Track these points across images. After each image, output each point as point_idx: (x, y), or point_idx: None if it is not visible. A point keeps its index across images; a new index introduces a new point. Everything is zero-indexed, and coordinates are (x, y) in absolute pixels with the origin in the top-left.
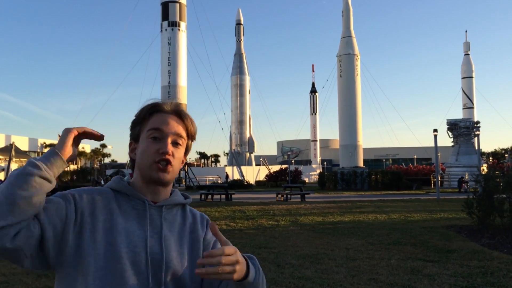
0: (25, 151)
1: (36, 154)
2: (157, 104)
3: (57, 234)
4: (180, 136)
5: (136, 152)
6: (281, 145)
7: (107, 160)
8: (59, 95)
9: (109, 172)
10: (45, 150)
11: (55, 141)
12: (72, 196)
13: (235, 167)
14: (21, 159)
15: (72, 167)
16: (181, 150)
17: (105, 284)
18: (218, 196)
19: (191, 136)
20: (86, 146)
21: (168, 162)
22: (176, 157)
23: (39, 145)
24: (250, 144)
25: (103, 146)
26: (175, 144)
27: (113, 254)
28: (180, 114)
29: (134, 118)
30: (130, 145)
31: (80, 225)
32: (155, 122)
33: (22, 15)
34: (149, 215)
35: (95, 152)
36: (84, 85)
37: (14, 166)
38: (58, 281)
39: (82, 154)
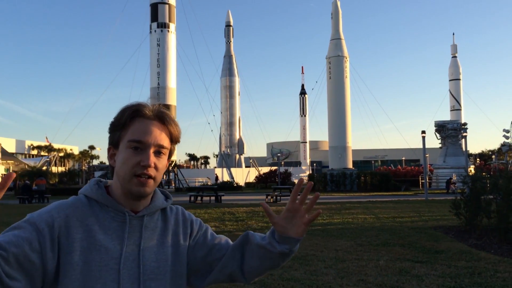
0: (12, 153)
1: (24, 156)
2: (138, 109)
3: (37, 271)
4: (163, 147)
5: (116, 159)
6: (270, 146)
7: (95, 162)
8: (46, 97)
9: (97, 174)
10: (32, 152)
11: (43, 143)
12: (46, 225)
13: (224, 169)
14: (8, 161)
15: (60, 169)
16: (164, 158)
17: None
18: (208, 198)
19: (175, 141)
20: (75, 148)
21: (149, 177)
22: (159, 167)
23: (27, 147)
24: (240, 145)
25: (92, 148)
26: (158, 153)
27: (89, 273)
28: (163, 119)
29: (113, 120)
30: (109, 150)
31: (58, 249)
32: (136, 132)
33: (9, 16)
34: (128, 228)
35: (83, 154)
36: (72, 86)
37: (1, 168)
38: None
39: (70, 156)
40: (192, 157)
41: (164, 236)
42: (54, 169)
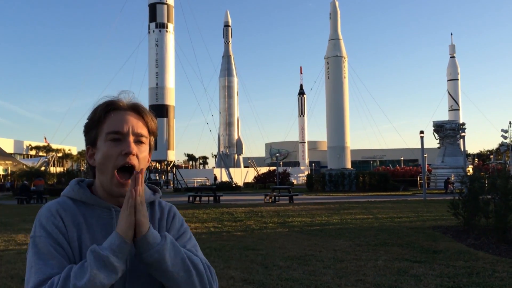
0: (11, 153)
1: (22, 156)
2: (111, 102)
3: None
4: (142, 135)
5: (96, 157)
6: (269, 146)
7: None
8: (45, 97)
9: None
10: (31, 152)
11: (41, 143)
12: (59, 231)
13: (223, 169)
14: (6, 161)
15: (59, 169)
16: (145, 147)
17: None
18: (206, 198)
19: (152, 132)
20: (73, 148)
21: (131, 166)
22: (140, 157)
23: (25, 147)
24: (238, 146)
25: None
26: (138, 142)
27: None
28: (138, 109)
29: (87, 121)
30: (87, 151)
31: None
32: (113, 123)
33: (7, 16)
34: (115, 224)
35: (82, 154)
36: (71, 87)
37: None
38: None
39: (68, 156)
40: (191, 157)
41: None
42: (52, 169)
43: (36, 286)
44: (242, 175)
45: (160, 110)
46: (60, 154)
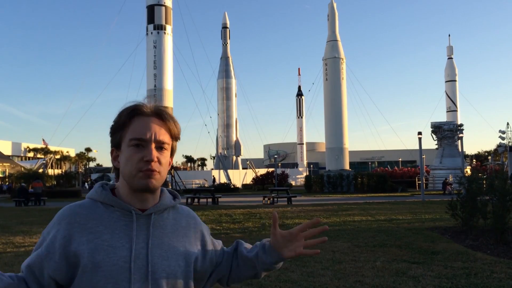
0: (9, 156)
1: (20, 159)
2: (136, 107)
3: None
4: (163, 142)
5: (119, 160)
6: (267, 148)
7: (92, 164)
8: (42, 99)
9: (94, 176)
10: (29, 154)
11: (39, 145)
12: (53, 245)
13: (221, 171)
14: (4, 164)
15: (57, 171)
16: (167, 153)
17: None
18: (205, 200)
19: (175, 137)
20: (71, 150)
21: (154, 170)
22: (163, 162)
23: (23, 149)
24: (237, 147)
25: (88, 150)
26: (160, 149)
27: (100, 273)
28: (161, 115)
29: (112, 123)
30: (112, 152)
31: (68, 260)
32: (136, 129)
33: (4, 18)
34: (136, 226)
35: (80, 156)
36: (69, 89)
37: None
38: None
39: (66, 158)
40: (189, 159)
41: (174, 236)
42: (50, 171)
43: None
44: (240, 177)
45: None
46: (58, 156)
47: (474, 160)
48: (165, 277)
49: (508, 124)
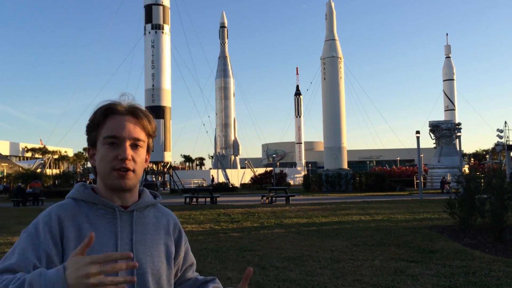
0: (6, 156)
1: (18, 158)
2: (110, 106)
3: None
4: (138, 139)
5: (95, 158)
6: (266, 147)
7: (90, 164)
8: (40, 99)
9: (92, 176)
10: (27, 154)
11: (37, 145)
12: (50, 235)
13: (220, 170)
14: (2, 164)
15: (55, 171)
16: (142, 151)
17: None
18: (203, 200)
19: (150, 135)
20: (69, 150)
21: (128, 169)
22: (137, 160)
23: (21, 149)
24: (235, 147)
25: (86, 150)
26: (135, 146)
27: None
28: (135, 113)
29: (88, 122)
30: (88, 151)
31: (62, 253)
32: (110, 128)
33: (1, 19)
34: (119, 222)
35: (78, 156)
36: (66, 89)
37: None
38: None
39: (64, 158)
40: (187, 158)
41: (156, 233)
42: (48, 171)
43: (0, 271)
44: (239, 176)
45: (157, 112)
46: (56, 156)
47: (472, 159)
48: (149, 272)
49: (506, 122)
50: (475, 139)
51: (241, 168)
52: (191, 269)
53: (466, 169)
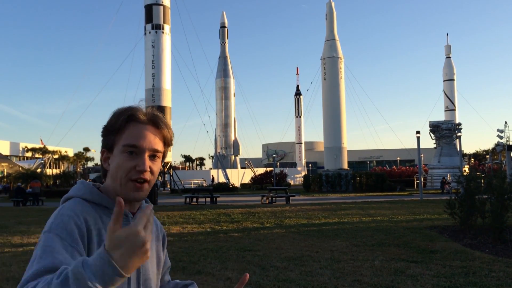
0: (7, 155)
1: (18, 158)
2: (132, 114)
3: None
4: (157, 151)
5: (110, 162)
6: (266, 147)
7: (90, 164)
8: (40, 99)
9: (92, 176)
10: (27, 154)
11: (37, 145)
12: (78, 233)
13: (220, 170)
14: (2, 164)
15: (55, 171)
16: (159, 161)
17: None
18: (203, 199)
19: (167, 144)
20: (69, 150)
21: (144, 180)
22: (154, 171)
23: (21, 149)
24: (235, 147)
25: (86, 150)
26: (153, 157)
27: None
28: (156, 123)
29: (106, 124)
30: (102, 153)
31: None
32: (131, 136)
33: (2, 19)
34: None
35: (78, 156)
36: (67, 88)
37: None
38: None
39: (65, 158)
40: (188, 158)
41: (153, 239)
42: (48, 171)
43: (37, 272)
44: (239, 176)
45: None
46: (56, 156)
47: (472, 159)
48: (151, 278)
49: (506, 123)
50: (475, 139)
51: (241, 168)
52: (167, 272)
53: (466, 169)
